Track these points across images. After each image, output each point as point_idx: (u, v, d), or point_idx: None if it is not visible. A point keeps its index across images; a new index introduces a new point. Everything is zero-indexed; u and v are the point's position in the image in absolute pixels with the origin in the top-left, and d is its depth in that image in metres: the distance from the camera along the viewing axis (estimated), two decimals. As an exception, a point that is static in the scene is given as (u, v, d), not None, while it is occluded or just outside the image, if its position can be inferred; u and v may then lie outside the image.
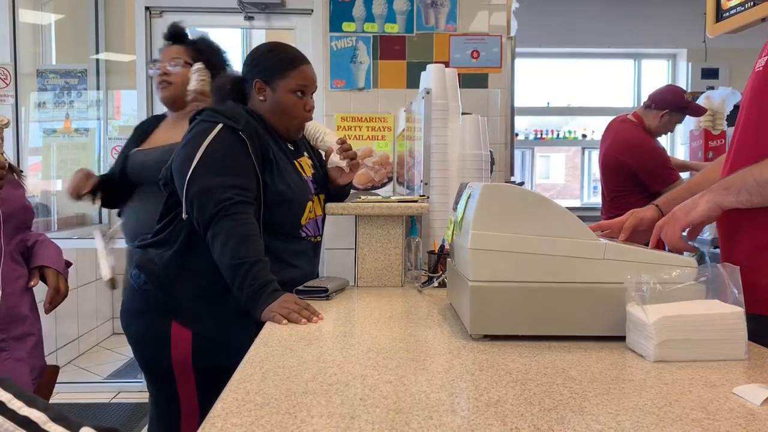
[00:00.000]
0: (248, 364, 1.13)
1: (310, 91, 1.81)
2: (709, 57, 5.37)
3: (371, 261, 1.93)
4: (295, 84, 1.76)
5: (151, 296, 1.72)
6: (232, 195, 1.59)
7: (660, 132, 3.45)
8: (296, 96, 1.77)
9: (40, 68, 3.92)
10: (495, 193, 1.29)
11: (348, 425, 0.84)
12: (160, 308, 1.71)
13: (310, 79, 1.80)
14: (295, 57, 1.80)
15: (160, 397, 1.82)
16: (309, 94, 1.81)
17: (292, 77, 1.76)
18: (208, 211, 1.58)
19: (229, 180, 1.61)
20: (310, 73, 1.80)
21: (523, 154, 5.98)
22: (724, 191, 1.29)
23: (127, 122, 4.15)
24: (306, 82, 1.78)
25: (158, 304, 1.71)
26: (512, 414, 0.87)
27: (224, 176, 1.62)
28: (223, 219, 1.57)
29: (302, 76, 1.78)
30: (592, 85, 6.08)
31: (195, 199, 1.61)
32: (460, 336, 1.31)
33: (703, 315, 1.12)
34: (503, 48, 3.48)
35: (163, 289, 1.70)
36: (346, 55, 3.44)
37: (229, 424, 0.85)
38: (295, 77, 1.77)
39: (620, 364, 1.11)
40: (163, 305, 1.71)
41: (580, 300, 1.24)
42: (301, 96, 1.78)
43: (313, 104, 1.82)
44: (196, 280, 1.68)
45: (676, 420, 0.85)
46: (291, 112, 1.78)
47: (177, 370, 1.70)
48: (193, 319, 1.69)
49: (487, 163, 2.24)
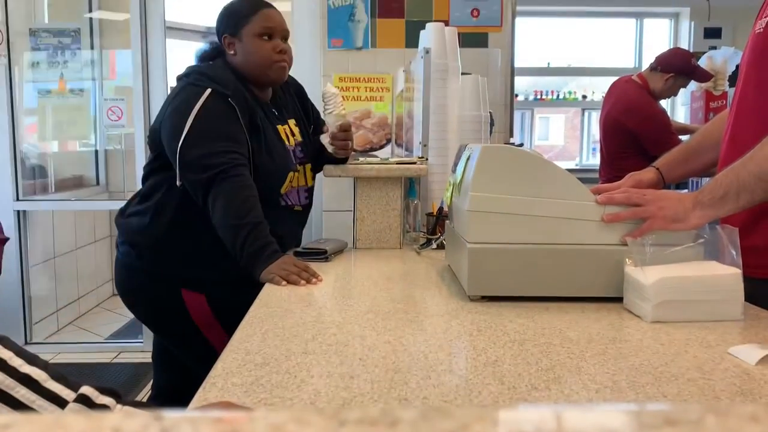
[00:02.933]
0: (248, 324, 1.14)
1: (279, 34, 1.76)
2: (712, 16, 5.28)
3: (370, 223, 1.93)
4: (258, 27, 1.73)
5: (150, 270, 1.71)
6: (230, 159, 1.58)
7: (664, 95, 3.42)
8: (263, 39, 1.74)
9: (33, 27, 3.85)
10: (494, 154, 1.28)
11: (347, 384, 0.85)
12: (163, 281, 1.71)
13: (274, 21, 1.75)
14: (253, 3, 1.78)
15: (192, 354, 1.81)
16: (277, 36, 1.76)
17: (254, 21, 1.74)
18: (206, 175, 1.57)
19: (225, 145, 1.60)
20: (273, 15, 1.76)
21: (523, 115, 5.92)
22: (719, 201, 1.19)
23: (123, 82, 4.09)
24: (270, 23, 1.74)
25: (160, 277, 1.71)
26: (510, 374, 0.88)
27: (221, 141, 1.60)
28: (224, 182, 1.56)
29: (264, 18, 1.74)
30: (593, 45, 5.99)
31: (192, 165, 1.59)
32: (458, 297, 1.31)
33: (701, 276, 1.13)
34: (504, 6, 3.42)
35: (162, 262, 1.70)
36: (344, 13, 3.38)
37: (229, 383, 0.86)
38: (258, 20, 1.74)
39: (617, 324, 1.12)
40: (166, 277, 1.71)
41: (577, 261, 1.25)
42: (269, 39, 1.74)
43: (284, 46, 1.76)
44: (196, 246, 1.67)
45: (672, 380, 0.86)
46: (260, 57, 1.74)
47: (203, 327, 1.71)
48: (201, 284, 1.70)
49: (486, 124, 2.22)
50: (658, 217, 1.22)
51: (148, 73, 3.62)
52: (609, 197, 1.25)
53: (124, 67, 4.04)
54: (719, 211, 1.21)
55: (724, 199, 1.19)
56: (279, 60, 1.75)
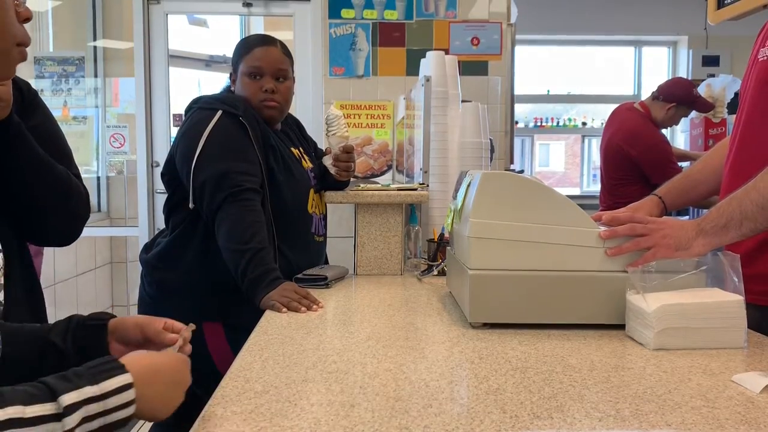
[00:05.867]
0: (248, 352, 1.13)
1: (268, 72, 1.76)
2: (710, 44, 5.33)
3: (370, 249, 1.93)
4: (247, 67, 1.76)
5: (171, 304, 1.69)
6: (241, 181, 1.59)
7: (666, 124, 3.44)
8: (251, 78, 1.75)
9: (38, 55, 3.89)
10: (495, 181, 1.29)
11: (348, 413, 0.84)
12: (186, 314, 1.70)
13: (263, 60, 1.76)
14: (250, 42, 1.80)
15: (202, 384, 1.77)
16: (267, 75, 1.76)
17: (245, 61, 1.76)
18: (217, 198, 1.58)
19: (237, 166, 1.61)
20: (264, 53, 1.76)
21: (523, 142, 5.96)
22: (722, 230, 1.20)
23: (126, 110, 4.12)
24: (257, 63, 1.75)
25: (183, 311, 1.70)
26: (512, 402, 0.87)
27: (231, 162, 1.61)
28: (231, 205, 1.57)
29: (254, 58, 1.76)
30: (593, 73, 6.05)
31: (204, 187, 1.60)
32: (459, 324, 1.31)
33: (703, 303, 1.12)
34: (503, 35, 3.46)
35: (186, 294, 1.68)
36: (346, 42, 3.41)
37: (228, 411, 0.85)
38: (248, 60, 1.76)
39: (620, 352, 1.11)
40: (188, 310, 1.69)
41: (579, 288, 1.24)
42: (257, 78, 1.75)
43: (271, 86, 1.75)
44: (216, 272, 1.65)
45: (676, 408, 0.86)
46: (247, 95, 1.75)
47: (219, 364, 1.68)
48: (221, 311, 1.68)
49: (486, 151, 2.23)
50: (661, 246, 1.22)
51: (150, 101, 3.65)
52: (612, 231, 1.24)
53: (127, 94, 4.08)
54: (722, 239, 1.21)
55: (726, 228, 1.19)
56: (264, 99, 1.75)
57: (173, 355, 0.85)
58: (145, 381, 0.74)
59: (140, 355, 0.81)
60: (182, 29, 4.58)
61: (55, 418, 0.63)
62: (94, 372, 0.70)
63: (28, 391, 0.64)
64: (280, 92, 1.77)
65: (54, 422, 0.63)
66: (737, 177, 1.32)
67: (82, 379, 0.68)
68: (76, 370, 0.69)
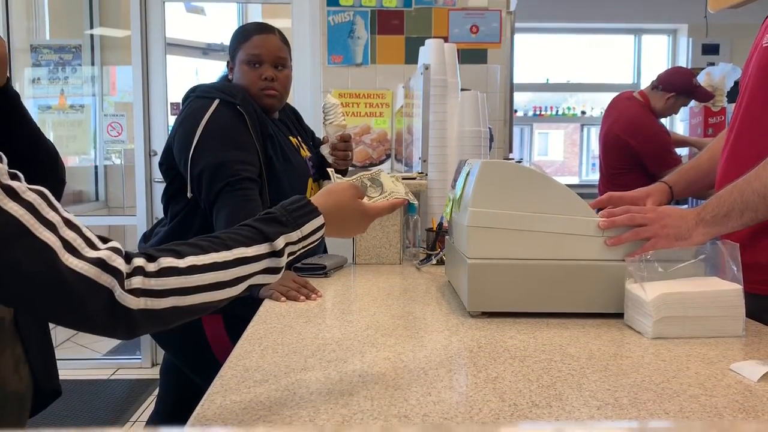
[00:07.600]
0: (247, 341, 1.13)
1: (267, 59, 1.75)
2: (710, 32, 5.31)
3: (369, 238, 1.93)
4: (245, 55, 1.75)
5: None
6: (239, 171, 1.58)
7: (665, 113, 3.43)
8: (250, 66, 1.75)
9: (34, 43, 3.87)
10: (494, 170, 1.28)
11: (347, 402, 0.84)
12: None
13: (261, 48, 1.75)
14: (248, 29, 1.79)
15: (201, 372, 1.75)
16: (266, 63, 1.75)
17: (244, 49, 1.75)
18: (215, 188, 1.57)
19: (234, 155, 1.60)
20: (262, 41, 1.75)
21: (522, 130, 5.94)
22: (722, 219, 1.19)
23: (123, 99, 4.11)
24: (256, 51, 1.74)
25: None
26: (510, 390, 0.88)
27: (229, 151, 1.61)
28: (229, 194, 1.57)
29: (252, 46, 1.75)
30: (592, 62, 6.03)
31: (201, 176, 1.60)
32: (458, 313, 1.31)
33: (702, 292, 1.12)
34: (503, 23, 3.45)
35: None
36: (344, 29, 3.40)
37: (228, 401, 0.85)
38: (246, 48, 1.75)
39: (618, 340, 1.12)
40: None
41: (578, 277, 1.24)
42: (256, 66, 1.75)
43: (270, 74, 1.75)
44: None
45: (674, 396, 0.86)
46: (247, 84, 1.75)
47: (218, 353, 1.68)
48: None
49: (485, 139, 2.22)
50: (661, 236, 1.22)
51: (148, 89, 3.64)
52: (611, 221, 1.24)
53: (124, 83, 4.06)
54: (723, 228, 1.20)
55: (727, 217, 1.19)
56: (264, 87, 1.75)
57: (352, 193, 1.01)
58: (332, 219, 0.94)
59: (326, 196, 0.99)
60: (179, 17, 4.56)
61: (270, 255, 0.84)
62: (296, 216, 0.89)
63: (244, 234, 0.85)
64: (279, 80, 1.76)
65: (271, 258, 0.84)
66: (735, 165, 1.32)
67: (286, 226, 0.87)
68: (278, 216, 0.88)
